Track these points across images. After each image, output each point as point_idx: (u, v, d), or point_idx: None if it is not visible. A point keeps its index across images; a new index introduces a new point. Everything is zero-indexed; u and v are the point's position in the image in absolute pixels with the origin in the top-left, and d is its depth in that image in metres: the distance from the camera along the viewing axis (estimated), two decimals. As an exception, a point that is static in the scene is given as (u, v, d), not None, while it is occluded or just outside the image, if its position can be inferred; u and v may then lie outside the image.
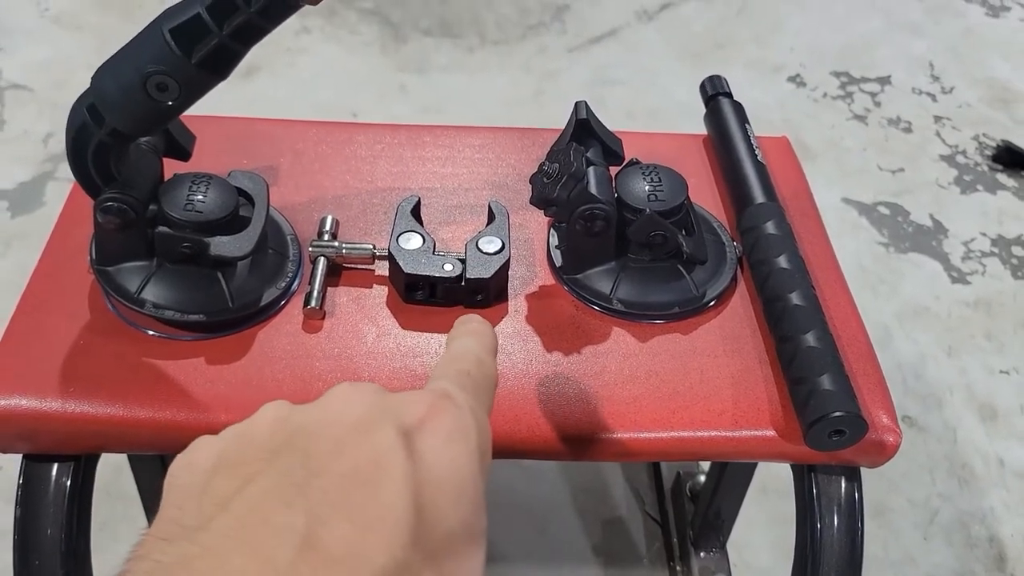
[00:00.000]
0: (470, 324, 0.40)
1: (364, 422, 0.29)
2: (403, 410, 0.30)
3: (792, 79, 1.73)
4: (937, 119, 1.67)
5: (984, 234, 1.46)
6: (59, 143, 1.45)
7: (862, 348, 0.58)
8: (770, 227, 0.60)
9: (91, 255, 0.56)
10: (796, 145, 1.64)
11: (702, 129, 0.73)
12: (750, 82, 1.71)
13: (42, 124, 1.49)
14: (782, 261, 0.58)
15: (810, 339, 0.53)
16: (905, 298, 1.36)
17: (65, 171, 1.41)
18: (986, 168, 1.58)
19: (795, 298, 0.55)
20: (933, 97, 1.72)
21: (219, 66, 0.47)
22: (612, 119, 1.68)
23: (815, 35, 1.85)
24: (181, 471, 0.30)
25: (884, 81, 1.75)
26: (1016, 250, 1.44)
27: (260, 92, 1.56)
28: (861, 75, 1.76)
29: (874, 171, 1.56)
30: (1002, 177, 1.57)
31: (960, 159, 1.60)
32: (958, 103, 1.71)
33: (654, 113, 1.62)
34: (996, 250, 1.44)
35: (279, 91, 1.58)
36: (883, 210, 1.49)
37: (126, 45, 0.48)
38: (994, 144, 1.61)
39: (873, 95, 1.72)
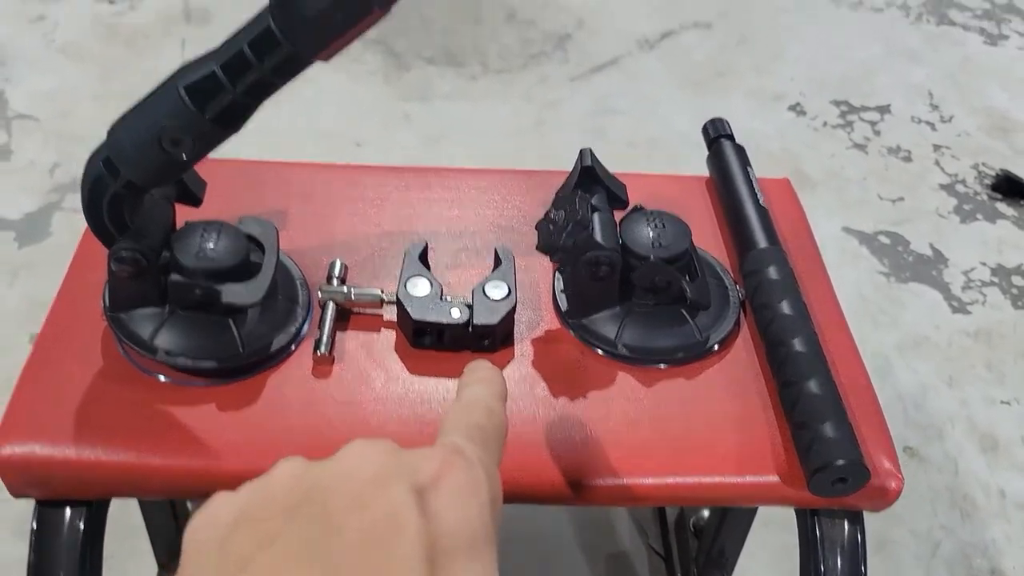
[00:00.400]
0: (480, 371, 0.41)
1: (380, 477, 0.30)
2: (416, 467, 0.31)
3: (792, 108, 1.75)
4: (936, 148, 1.69)
5: (984, 263, 1.47)
6: (65, 173, 1.46)
7: (864, 392, 0.58)
8: (772, 272, 0.61)
9: (104, 301, 0.57)
10: (796, 175, 1.65)
11: (702, 157, 0.74)
12: (750, 111, 1.73)
13: (48, 154, 1.50)
14: (784, 306, 0.58)
15: (812, 386, 0.54)
16: (906, 328, 1.36)
17: (71, 202, 1.42)
18: (985, 197, 1.59)
19: (797, 344, 0.56)
20: (932, 126, 1.74)
21: (232, 121, 0.48)
22: (614, 149, 1.68)
23: (815, 64, 1.87)
24: (200, 527, 0.30)
25: (884, 110, 1.76)
26: (1016, 280, 1.45)
27: (264, 121, 1.56)
28: (861, 104, 1.77)
29: (874, 200, 1.57)
30: (1001, 206, 1.58)
31: (960, 188, 1.61)
32: (957, 132, 1.73)
33: (655, 143, 1.63)
34: (996, 279, 1.45)
35: (283, 120, 1.60)
36: (883, 239, 1.50)
37: (141, 100, 0.49)
38: (993, 173, 1.62)
39: (873, 124, 1.73)
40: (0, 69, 1.67)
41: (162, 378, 0.56)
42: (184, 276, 0.54)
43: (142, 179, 0.50)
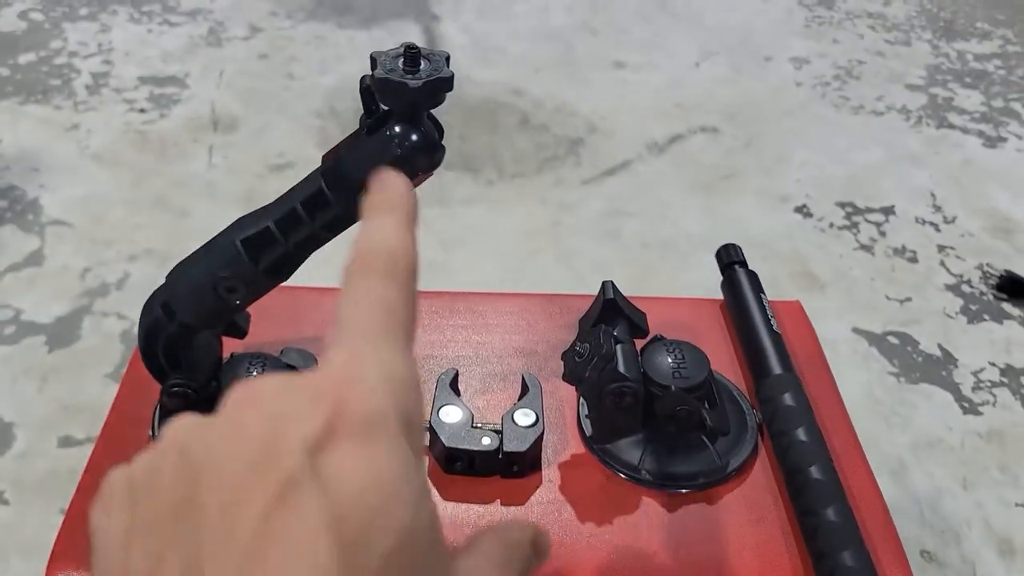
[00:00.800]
0: (384, 190, 0.34)
1: (268, 446, 0.25)
2: (306, 415, 0.26)
3: (799, 209, 1.80)
4: (941, 248, 1.73)
5: (993, 364, 1.49)
6: (96, 278, 1.51)
7: (880, 517, 0.60)
8: (787, 399, 0.63)
9: (152, 431, 0.60)
10: (805, 275, 1.68)
11: (712, 257, 0.77)
12: (758, 213, 1.78)
13: (79, 259, 1.55)
14: (800, 434, 0.61)
15: (830, 514, 0.56)
16: (918, 430, 1.38)
17: (100, 306, 1.46)
18: (991, 297, 1.62)
19: (814, 472, 0.58)
20: (936, 227, 1.78)
21: (282, 271, 0.52)
22: (627, 249, 1.71)
23: (820, 166, 1.92)
24: (98, 533, 0.27)
25: (888, 211, 1.81)
26: (1025, 380, 1.47)
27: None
28: (866, 205, 1.82)
29: (882, 301, 1.60)
30: (1007, 306, 1.61)
31: (965, 288, 1.64)
32: (960, 232, 1.77)
33: (667, 244, 1.67)
34: (1005, 380, 1.47)
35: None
36: (892, 340, 1.53)
37: (199, 250, 0.53)
38: (997, 274, 1.66)
39: (878, 225, 1.78)
40: (35, 176, 1.74)
41: (207, 505, 0.58)
42: (231, 408, 0.57)
43: (197, 321, 0.54)
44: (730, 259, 0.76)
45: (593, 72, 2.23)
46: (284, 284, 0.75)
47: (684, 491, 0.61)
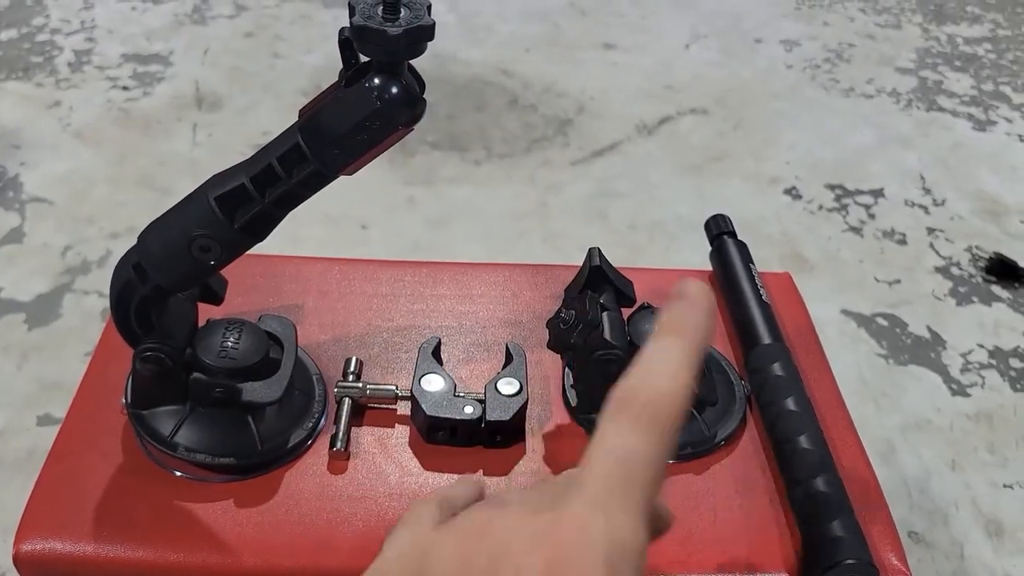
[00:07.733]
0: (682, 304, 0.32)
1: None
2: (525, 559, 0.27)
3: (788, 192, 1.79)
4: (930, 231, 1.72)
5: (982, 346, 1.49)
6: (77, 255, 1.49)
7: (870, 489, 0.59)
8: (777, 369, 0.62)
9: (126, 398, 0.58)
10: (794, 257, 1.67)
11: (700, 238, 0.76)
12: (748, 194, 1.77)
13: (61, 237, 1.53)
14: (790, 403, 0.60)
15: (820, 483, 0.55)
16: (907, 411, 1.37)
17: (82, 283, 1.44)
18: (980, 280, 1.62)
19: (804, 441, 0.57)
20: (925, 209, 1.77)
21: (259, 230, 0.50)
22: (615, 231, 1.70)
23: (809, 149, 1.91)
24: None
25: (877, 193, 1.80)
26: (1014, 362, 1.46)
27: (273, 205, 1.60)
28: (855, 187, 1.81)
29: (871, 283, 1.59)
30: (996, 289, 1.60)
31: (955, 271, 1.63)
32: (950, 215, 1.76)
33: (655, 225, 1.66)
34: (994, 362, 1.46)
35: (291, 203, 1.63)
36: (881, 322, 1.52)
37: (172, 209, 0.51)
38: (986, 256, 1.65)
39: (867, 207, 1.77)
40: (16, 153, 1.71)
41: (181, 474, 0.57)
42: (206, 375, 0.56)
43: (170, 283, 0.52)
44: (719, 229, 0.75)
45: (582, 53, 2.21)
46: (263, 253, 0.73)
47: (671, 461, 0.60)
